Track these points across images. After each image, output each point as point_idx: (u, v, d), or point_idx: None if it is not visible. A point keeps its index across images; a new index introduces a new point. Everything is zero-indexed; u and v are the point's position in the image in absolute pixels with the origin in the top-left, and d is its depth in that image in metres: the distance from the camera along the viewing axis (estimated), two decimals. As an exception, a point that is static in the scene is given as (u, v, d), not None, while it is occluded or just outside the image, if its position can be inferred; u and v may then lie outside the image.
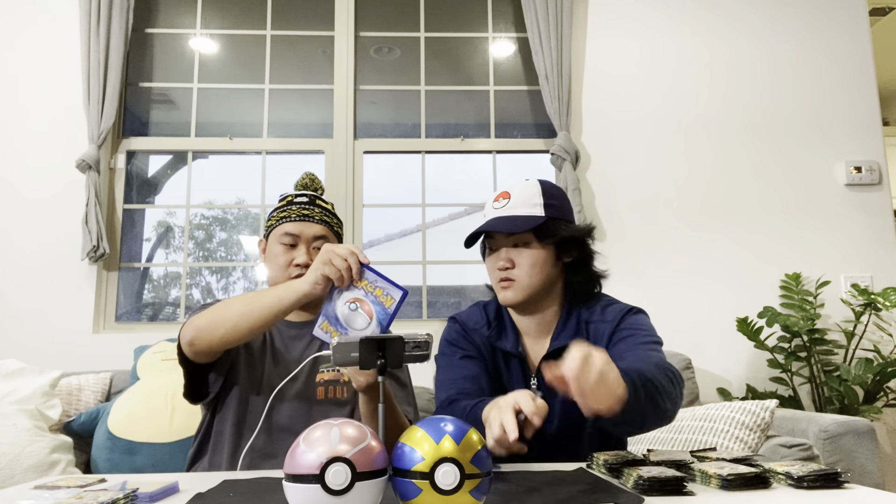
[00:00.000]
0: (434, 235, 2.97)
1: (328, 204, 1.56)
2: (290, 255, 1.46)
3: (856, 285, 2.67)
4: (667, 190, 2.88)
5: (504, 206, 1.30)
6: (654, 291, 2.79)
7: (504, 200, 1.31)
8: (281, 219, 1.50)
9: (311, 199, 1.53)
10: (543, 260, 1.30)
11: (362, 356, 0.88)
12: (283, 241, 1.47)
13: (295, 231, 1.46)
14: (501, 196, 1.32)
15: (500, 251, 1.32)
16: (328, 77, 3.01)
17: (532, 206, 1.29)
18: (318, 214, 1.50)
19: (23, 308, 2.66)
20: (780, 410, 2.24)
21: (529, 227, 1.26)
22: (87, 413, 2.20)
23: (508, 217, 1.28)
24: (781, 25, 3.02)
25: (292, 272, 1.44)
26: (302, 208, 1.50)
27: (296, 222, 1.48)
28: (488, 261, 1.36)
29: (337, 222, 1.55)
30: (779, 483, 0.90)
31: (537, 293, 1.31)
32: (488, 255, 1.36)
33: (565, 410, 1.27)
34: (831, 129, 2.94)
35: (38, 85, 2.82)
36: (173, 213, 2.99)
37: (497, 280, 1.31)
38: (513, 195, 1.30)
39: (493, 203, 1.33)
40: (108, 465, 2.08)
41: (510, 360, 1.33)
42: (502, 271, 1.30)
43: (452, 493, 0.68)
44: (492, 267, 1.34)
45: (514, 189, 1.31)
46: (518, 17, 3.07)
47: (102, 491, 0.83)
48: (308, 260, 1.45)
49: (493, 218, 1.30)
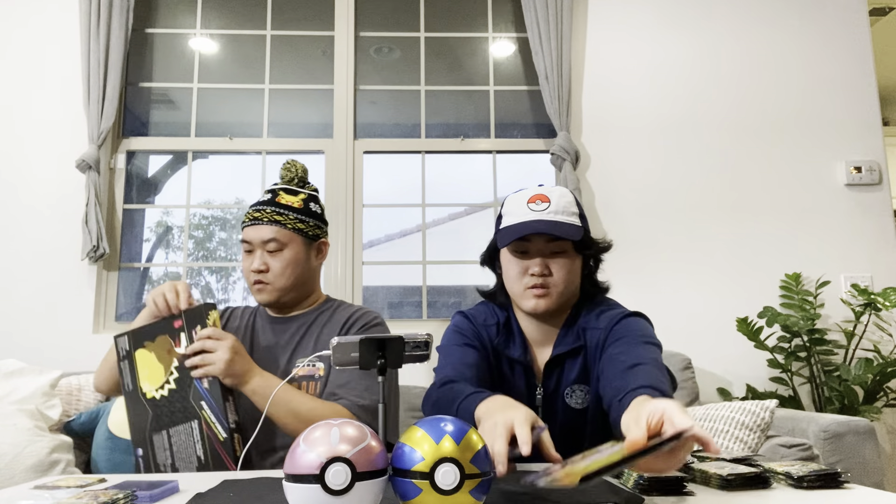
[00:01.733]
0: (434, 235, 2.97)
1: (299, 195, 1.51)
2: (248, 261, 1.48)
3: (856, 285, 2.67)
4: (666, 190, 2.88)
5: (546, 210, 1.22)
6: (654, 291, 2.79)
7: (544, 204, 1.23)
8: (242, 225, 1.51)
9: (272, 195, 1.50)
10: (576, 269, 1.27)
11: (362, 356, 0.88)
12: (244, 248, 1.49)
13: (248, 237, 1.47)
14: (539, 198, 1.24)
15: (534, 257, 1.24)
16: (328, 77, 3.01)
17: (570, 214, 1.24)
18: (269, 215, 1.46)
19: (23, 308, 2.66)
20: (780, 410, 2.24)
21: (578, 235, 1.21)
22: (87, 413, 2.20)
23: (555, 222, 1.21)
24: (781, 25, 3.02)
25: (251, 278, 1.47)
26: (255, 211, 1.48)
27: (249, 227, 1.48)
28: (515, 265, 1.26)
29: (296, 217, 1.48)
30: (779, 483, 0.90)
31: (566, 302, 1.28)
32: (516, 258, 1.26)
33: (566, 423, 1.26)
34: (831, 129, 2.94)
35: (38, 85, 2.82)
36: (171, 212, 2.99)
37: (527, 286, 1.23)
38: (552, 200, 1.23)
39: (528, 204, 1.24)
40: (108, 465, 2.08)
41: (515, 366, 1.30)
42: (537, 277, 1.22)
43: (452, 493, 0.68)
44: (520, 272, 1.24)
45: (551, 194, 1.25)
46: (518, 17, 3.07)
47: (102, 491, 0.83)
48: (260, 265, 1.45)
49: (536, 220, 1.21)
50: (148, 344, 1.33)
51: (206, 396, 1.27)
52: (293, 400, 1.32)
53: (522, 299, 1.25)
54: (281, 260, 1.47)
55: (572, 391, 1.26)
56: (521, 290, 1.24)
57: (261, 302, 1.50)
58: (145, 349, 1.33)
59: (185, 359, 1.30)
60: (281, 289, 1.48)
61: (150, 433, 1.30)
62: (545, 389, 1.27)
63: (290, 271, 1.48)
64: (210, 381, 1.28)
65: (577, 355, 1.26)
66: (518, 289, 1.25)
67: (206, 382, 1.28)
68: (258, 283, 1.47)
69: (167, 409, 1.30)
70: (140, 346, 1.33)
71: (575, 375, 1.26)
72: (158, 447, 1.29)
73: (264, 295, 1.48)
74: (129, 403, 1.32)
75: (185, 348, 1.30)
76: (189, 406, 1.29)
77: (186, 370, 1.29)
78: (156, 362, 1.31)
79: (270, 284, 1.47)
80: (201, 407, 1.28)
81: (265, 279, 1.46)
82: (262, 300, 1.49)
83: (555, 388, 1.27)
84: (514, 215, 1.25)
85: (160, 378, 1.31)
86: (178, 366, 1.30)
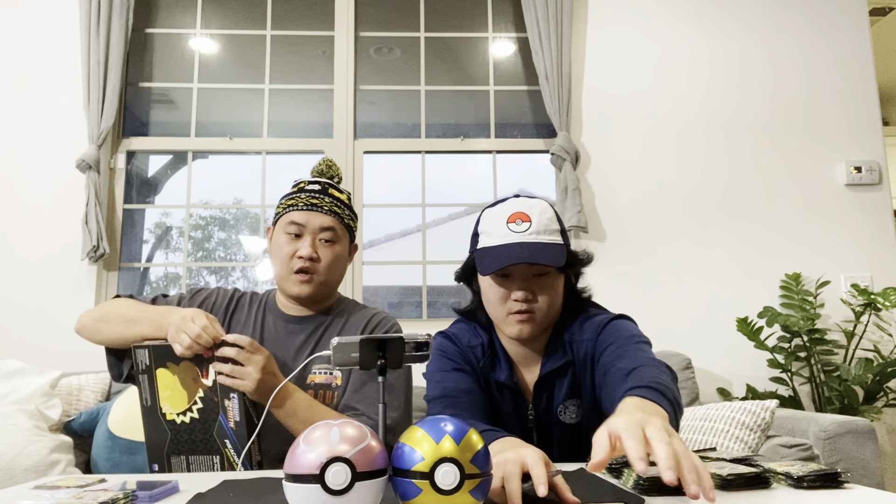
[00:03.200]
0: (434, 235, 2.97)
1: (343, 194, 1.45)
2: (293, 245, 1.36)
3: (856, 285, 2.67)
4: (666, 190, 2.88)
5: (527, 231, 1.15)
6: (654, 291, 2.79)
7: (525, 224, 1.16)
8: (289, 206, 1.39)
9: (324, 187, 1.42)
10: (559, 288, 1.21)
11: (362, 356, 0.88)
12: (288, 231, 1.37)
13: (301, 220, 1.37)
14: (519, 217, 1.17)
15: (515, 280, 1.17)
16: (328, 77, 3.01)
17: (552, 232, 1.17)
18: (328, 204, 1.39)
19: (23, 308, 2.66)
20: (780, 410, 2.24)
21: (561, 261, 1.14)
22: (87, 413, 2.20)
23: (537, 245, 1.14)
24: (781, 25, 3.02)
25: (295, 265, 1.36)
26: (311, 196, 1.39)
27: (303, 211, 1.37)
28: (495, 290, 1.18)
29: (349, 214, 1.44)
30: (779, 483, 0.90)
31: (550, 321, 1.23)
32: (496, 283, 1.18)
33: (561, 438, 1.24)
34: (831, 129, 2.94)
35: (39, 85, 2.82)
36: (171, 212, 2.99)
37: (509, 312, 1.17)
38: (533, 218, 1.16)
39: (508, 224, 1.16)
40: (108, 464, 2.08)
41: (503, 389, 1.25)
42: (520, 302, 1.16)
43: (452, 493, 0.68)
44: (501, 298, 1.17)
45: (531, 211, 1.17)
46: (518, 17, 3.07)
47: (102, 491, 0.83)
48: (312, 252, 1.35)
49: (516, 243, 1.14)
50: (171, 366, 1.25)
51: (231, 435, 1.21)
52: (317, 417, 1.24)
53: (505, 325, 1.19)
54: (332, 252, 1.39)
55: (565, 408, 1.22)
56: (504, 316, 1.18)
57: (298, 294, 1.37)
58: (168, 370, 1.25)
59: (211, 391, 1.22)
60: (324, 283, 1.39)
61: (168, 453, 1.26)
62: (536, 409, 1.24)
63: (338, 267, 1.41)
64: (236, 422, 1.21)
65: (565, 371, 1.22)
66: (500, 314, 1.19)
67: (233, 422, 1.21)
68: (303, 271, 1.35)
69: (187, 436, 1.24)
70: (162, 366, 1.25)
71: (566, 391, 1.22)
72: (176, 468, 1.25)
73: (307, 286, 1.36)
74: (147, 418, 1.26)
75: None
76: (212, 440, 1.23)
77: (213, 403, 1.22)
78: (179, 387, 1.24)
79: (317, 275, 1.36)
80: (224, 445, 1.22)
81: (313, 269, 1.36)
82: (301, 292, 1.37)
83: (546, 406, 1.23)
84: (493, 236, 1.17)
85: (183, 404, 1.24)
86: (203, 396, 1.23)
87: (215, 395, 1.22)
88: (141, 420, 1.27)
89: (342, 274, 1.45)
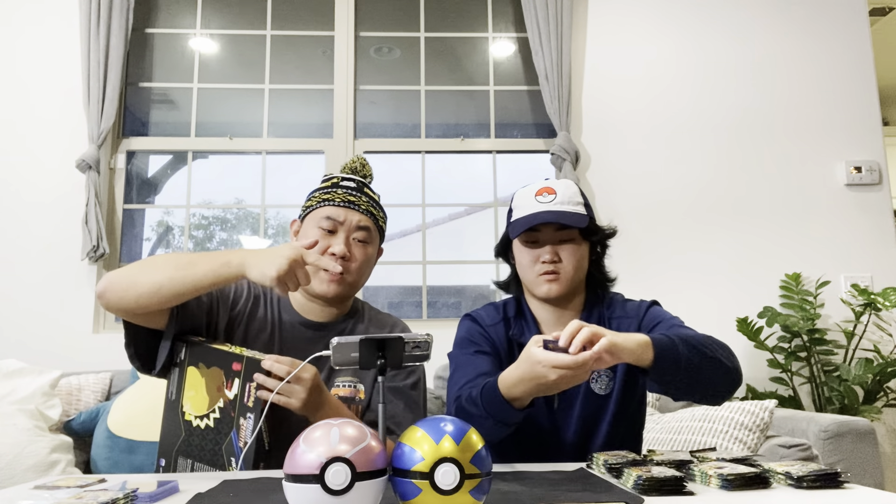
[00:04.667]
0: (434, 235, 2.97)
1: (376, 195, 1.41)
2: (326, 241, 1.30)
3: (856, 285, 2.67)
4: (666, 190, 2.88)
5: (553, 201, 1.30)
6: (654, 291, 2.79)
7: (550, 196, 1.31)
8: (323, 200, 1.34)
9: (360, 185, 1.37)
10: (584, 255, 1.35)
11: (362, 356, 0.88)
12: (322, 226, 1.31)
13: (338, 217, 1.31)
14: (546, 191, 1.32)
15: (544, 246, 1.31)
16: (328, 77, 3.01)
17: (576, 204, 1.32)
18: (365, 203, 1.35)
19: (23, 308, 2.66)
20: (780, 410, 2.24)
21: (584, 223, 1.29)
22: (87, 412, 2.20)
23: (561, 212, 1.29)
24: (781, 26, 3.02)
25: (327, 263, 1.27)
26: (349, 193, 1.34)
27: (340, 207, 1.32)
28: (527, 254, 1.33)
29: (383, 216, 1.41)
30: (778, 483, 0.90)
31: (577, 286, 1.35)
32: (527, 248, 1.33)
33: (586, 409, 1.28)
34: (831, 129, 2.94)
35: (39, 85, 2.82)
36: (171, 212, 2.99)
37: (539, 273, 1.31)
38: (558, 192, 1.31)
39: (536, 197, 1.32)
40: (108, 464, 2.08)
41: None
42: (548, 264, 1.30)
43: (452, 493, 0.68)
44: (532, 260, 1.32)
45: (557, 186, 1.32)
46: (518, 17, 3.07)
47: (102, 491, 0.83)
48: (346, 251, 1.29)
49: (544, 211, 1.29)
50: (202, 366, 1.22)
51: (238, 454, 1.18)
52: None
53: (535, 285, 1.32)
54: (365, 253, 1.34)
55: (598, 375, 1.30)
56: (534, 277, 1.31)
57: (325, 293, 1.31)
58: (197, 370, 1.23)
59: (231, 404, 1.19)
60: (354, 283, 1.34)
61: (177, 452, 1.25)
62: None
63: (368, 269, 1.37)
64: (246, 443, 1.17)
65: None
66: (531, 276, 1.32)
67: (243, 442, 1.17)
68: None
69: (198, 441, 1.22)
70: (194, 364, 1.23)
71: None
72: (181, 469, 1.24)
73: (336, 286, 1.30)
74: (167, 412, 1.25)
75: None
76: (219, 454, 1.20)
77: (229, 417, 1.19)
78: (203, 390, 1.22)
79: (348, 275, 1.31)
80: (230, 462, 1.19)
81: (346, 268, 1.30)
82: (329, 291, 1.30)
83: None
84: (523, 208, 1.33)
85: (203, 408, 1.22)
86: (222, 407, 1.20)
87: (233, 410, 1.19)
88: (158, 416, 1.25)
89: (368, 277, 1.40)
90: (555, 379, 0.98)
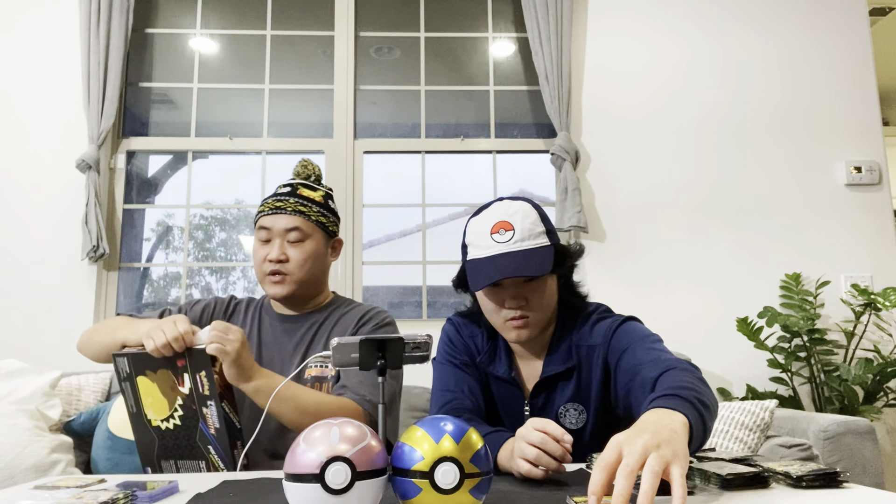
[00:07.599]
0: (434, 235, 2.97)
1: (317, 192, 1.49)
2: (264, 250, 1.43)
3: (856, 285, 2.67)
4: (667, 190, 2.88)
5: (511, 240, 1.14)
6: (654, 291, 2.79)
7: (508, 232, 1.14)
8: (259, 213, 1.46)
9: (294, 188, 1.47)
10: (554, 290, 1.21)
11: (362, 357, 0.88)
12: (259, 237, 1.45)
13: (268, 224, 1.43)
14: (502, 227, 1.15)
15: (506, 289, 1.16)
16: (328, 77, 3.01)
17: (537, 235, 1.15)
18: (293, 205, 1.44)
19: (23, 308, 2.66)
20: (780, 410, 2.24)
21: (549, 265, 1.12)
22: (87, 413, 2.20)
23: (521, 253, 1.13)
24: (781, 26, 3.02)
25: (266, 268, 1.42)
26: (277, 200, 1.45)
27: (269, 215, 1.44)
28: (488, 301, 1.19)
29: (319, 211, 1.47)
30: (778, 483, 0.90)
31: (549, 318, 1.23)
32: (488, 296, 1.18)
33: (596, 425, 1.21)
34: (831, 129, 2.94)
35: (39, 85, 2.82)
36: (172, 213, 2.99)
37: (506, 319, 1.17)
38: (516, 226, 1.14)
39: (491, 235, 1.15)
40: (108, 464, 2.08)
41: (500, 383, 1.26)
42: (514, 310, 1.16)
43: (452, 493, 0.68)
44: (496, 306, 1.17)
45: (513, 218, 1.15)
46: (518, 17, 3.07)
47: (102, 491, 0.83)
48: (280, 255, 1.41)
49: (502, 254, 1.13)
50: (149, 373, 1.26)
51: (213, 441, 1.23)
52: (299, 396, 1.27)
53: (503, 331, 1.21)
54: (302, 251, 1.43)
55: (566, 410, 1.21)
56: (501, 323, 1.19)
57: (275, 295, 1.44)
58: (146, 378, 1.26)
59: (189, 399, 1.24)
60: (298, 281, 1.43)
61: (158, 458, 1.28)
62: (532, 407, 1.23)
63: (310, 264, 1.44)
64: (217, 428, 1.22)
65: (570, 376, 1.21)
66: (497, 321, 1.20)
67: (213, 429, 1.22)
68: (275, 273, 1.42)
69: (173, 442, 1.26)
70: (141, 373, 1.26)
71: (569, 395, 1.21)
72: (167, 471, 1.27)
73: (280, 287, 1.42)
74: (134, 424, 1.29)
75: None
76: (196, 446, 1.25)
77: (191, 411, 1.24)
78: (159, 394, 1.25)
79: (289, 276, 1.42)
80: (209, 451, 1.24)
81: (284, 269, 1.42)
82: (276, 293, 1.43)
83: (544, 406, 1.22)
84: (479, 247, 1.17)
85: (164, 411, 1.26)
86: (182, 404, 1.24)
87: (193, 403, 1.24)
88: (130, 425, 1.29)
89: (322, 270, 1.49)
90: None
